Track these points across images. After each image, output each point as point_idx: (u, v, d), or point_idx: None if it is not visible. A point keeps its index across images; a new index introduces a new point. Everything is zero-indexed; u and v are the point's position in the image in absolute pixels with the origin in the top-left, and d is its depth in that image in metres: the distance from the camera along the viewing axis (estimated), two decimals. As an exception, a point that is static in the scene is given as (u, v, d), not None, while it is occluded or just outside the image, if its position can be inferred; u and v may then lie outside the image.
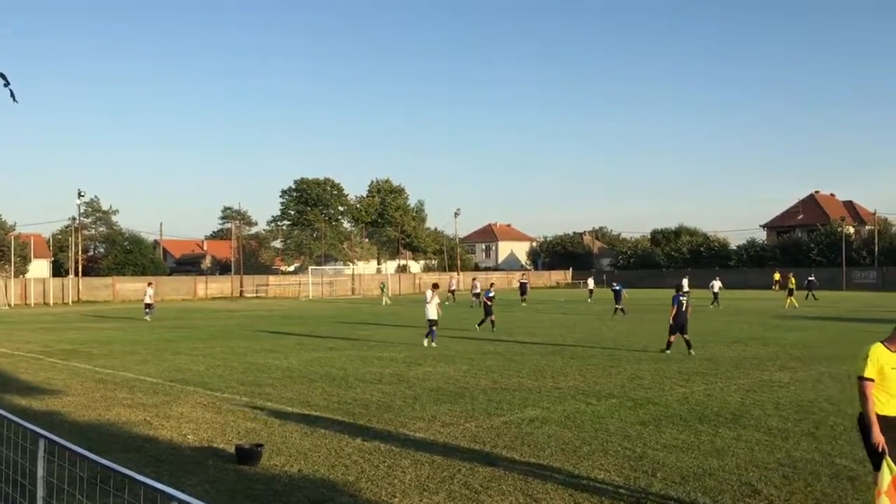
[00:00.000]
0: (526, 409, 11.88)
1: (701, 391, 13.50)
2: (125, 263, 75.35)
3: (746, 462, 8.55)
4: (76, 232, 70.45)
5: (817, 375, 15.36)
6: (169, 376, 16.16)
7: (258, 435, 10.17)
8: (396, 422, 11.03)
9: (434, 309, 22.11)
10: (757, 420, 10.89)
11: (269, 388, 14.29)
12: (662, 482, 7.80)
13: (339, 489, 7.68)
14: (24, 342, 25.01)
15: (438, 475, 8.13)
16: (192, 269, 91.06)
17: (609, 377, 15.32)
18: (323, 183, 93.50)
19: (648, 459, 8.70)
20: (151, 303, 37.13)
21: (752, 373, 15.84)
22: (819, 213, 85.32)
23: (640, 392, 13.44)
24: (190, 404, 12.70)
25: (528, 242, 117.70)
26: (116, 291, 64.25)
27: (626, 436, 9.94)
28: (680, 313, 19.52)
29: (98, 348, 22.58)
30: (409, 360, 18.36)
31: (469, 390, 13.80)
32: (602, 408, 11.97)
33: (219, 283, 72.85)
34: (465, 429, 10.53)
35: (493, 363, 17.72)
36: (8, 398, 13.34)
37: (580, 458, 8.79)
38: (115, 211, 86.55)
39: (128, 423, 11.19)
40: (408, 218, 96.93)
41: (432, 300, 22.27)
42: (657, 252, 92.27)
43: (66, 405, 12.80)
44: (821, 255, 76.87)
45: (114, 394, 13.93)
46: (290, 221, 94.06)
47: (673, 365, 17.07)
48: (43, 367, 18.04)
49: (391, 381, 15.11)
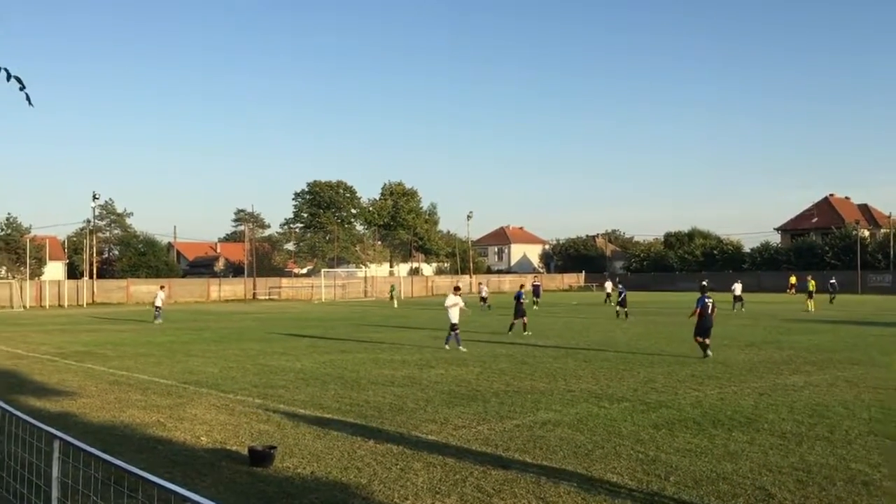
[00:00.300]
0: (538, 413, 11.86)
1: (714, 395, 13.43)
2: (139, 266, 75.84)
3: (760, 466, 8.50)
4: (91, 234, 70.95)
5: (832, 379, 15.26)
6: (182, 378, 16.23)
7: (271, 437, 10.20)
8: (409, 424, 11.03)
9: (456, 312, 21.57)
10: (771, 424, 10.82)
11: (281, 391, 14.33)
12: (675, 486, 7.77)
13: (352, 491, 7.69)
14: (40, 344, 25.19)
15: (451, 478, 8.13)
16: (205, 271, 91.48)
17: (622, 380, 15.27)
18: (336, 186, 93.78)
19: (661, 463, 8.66)
20: (160, 306, 37.32)
21: (765, 376, 15.74)
22: (834, 216, 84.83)
23: (653, 395, 13.39)
24: (203, 406, 12.75)
25: (541, 245, 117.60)
26: (130, 293, 64.65)
27: (638, 439, 9.90)
28: (706, 316, 18.93)
29: (112, 350, 22.72)
30: (422, 363, 18.37)
31: (481, 393, 13.79)
32: (615, 411, 11.93)
33: (232, 285, 73.22)
34: (478, 431, 10.52)
35: (506, 366, 17.70)
36: (23, 399, 13.43)
37: (592, 462, 8.77)
38: (129, 213, 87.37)
39: (142, 425, 11.24)
40: (420, 221, 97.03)
41: (455, 303, 21.73)
42: (670, 255, 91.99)
43: (80, 406, 12.88)
44: (835, 258, 76.43)
45: (128, 395, 14.01)
46: (302, 224, 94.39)
47: (686, 368, 16.99)
48: (58, 369, 18.16)
49: (403, 383, 15.12)
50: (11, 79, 3.93)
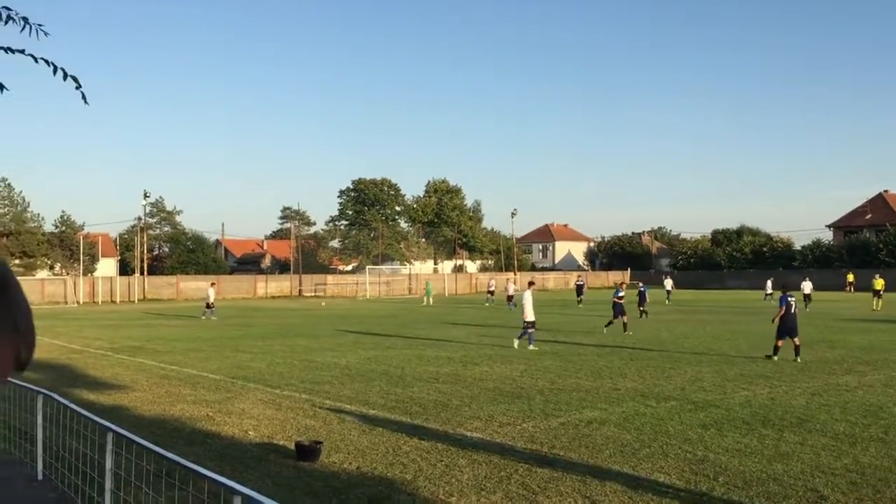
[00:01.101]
0: (584, 411, 11.78)
1: (764, 394, 13.19)
2: (188, 262, 77.16)
3: (812, 467, 8.33)
4: (141, 232, 72.40)
5: (886, 379, 14.88)
6: (231, 373, 16.47)
7: (317, 432, 10.30)
8: (454, 421, 11.05)
9: (531, 309, 20.98)
10: (823, 424, 10.59)
11: (327, 386, 14.46)
12: (724, 486, 7.65)
13: (397, 487, 7.73)
14: (93, 339, 25.79)
15: (496, 475, 8.12)
16: (252, 268, 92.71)
17: (668, 379, 15.09)
18: (380, 183, 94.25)
19: (710, 463, 8.54)
20: (212, 302, 37.76)
21: (817, 376, 15.42)
22: (888, 212, 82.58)
23: (700, 394, 13.21)
24: (251, 401, 12.93)
25: (586, 243, 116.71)
26: (180, 290, 65.83)
27: (686, 439, 9.77)
28: (789, 315, 18.22)
29: (163, 345, 23.16)
30: (466, 360, 18.38)
31: (526, 391, 13.75)
32: (662, 410, 11.80)
33: (278, 282, 74.07)
34: (523, 429, 10.49)
35: (551, 363, 17.62)
36: (78, 393, 13.77)
37: (639, 461, 8.68)
38: (178, 211, 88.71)
39: (191, 419, 11.45)
40: (464, 218, 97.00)
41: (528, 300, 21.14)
42: (718, 253, 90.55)
43: (132, 400, 13.16)
44: (889, 255, 74.39)
45: (178, 390, 14.27)
46: (347, 221, 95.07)
47: (735, 367, 16.73)
48: (111, 364, 18.58)
49: (448, 380, 15.14)
50: (68, 78, 4.01)
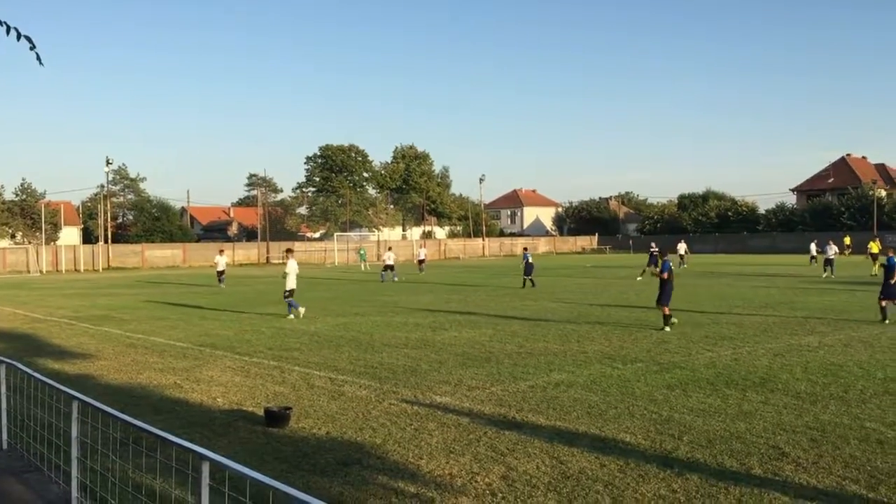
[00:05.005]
0: (552, 374, 11.90)
1: (728, 355, 13.43)
2: (153, 230, 76.26)
3: (774, 425, 8.51)
4: (105, 199, 71.24)
5: (847, 339, 15.22)
6: (198, 341, 16.37)
7: (286, 398, 10.30)
8: (423, 385, 11.10)
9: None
10: (785, 384, 10.82)
11: (296, 353, 14.43)
12: (689, 445, 7.79)
13: (367, 451, 7.76)
14: (57, 308, 25.44)
15: (465, 438, 8.19)
16: (218, 235, 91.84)
17: (635, 342, 15.29)
18: (347, 149, 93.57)
19: (675, 423, 8.69)
20: (223, 270, 36.14)
21: (780, 337, 15.72)
22: (850, 176, 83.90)
23: (666, 356, 13.40)
24: (219, 368, 12.88)
25: (554, 208, 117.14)
26: (145, 258, 65.07)
27: (652, 399, 9.93)
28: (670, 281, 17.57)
29: (128, 314, 22.92)
30: (435, 325, 18.44)
31: (495, 354, 13.85)
32: (628, 372, 11.96)
33: (245, 249, 73.55)
34: (491, 392, 10.57)
35: (519, 328, 17.74)
36: (42, 362, 13.60)
37: (606, 422, 8.80)
38: (142, 178, 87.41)
39: (159, 387, 11.37)
40: (433, 184, 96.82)
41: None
42: (684, 217, 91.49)
43: (98, 369, 13.03)
44: (851, 218, 75.75)
45: (144, 358, 14.16)
46: (315, 188, 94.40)
47: (700, 330, 16.98)
48: (75, 332, 18.35)
49: (417, 345, 15.19)
50: (22, 38, 3.88)
